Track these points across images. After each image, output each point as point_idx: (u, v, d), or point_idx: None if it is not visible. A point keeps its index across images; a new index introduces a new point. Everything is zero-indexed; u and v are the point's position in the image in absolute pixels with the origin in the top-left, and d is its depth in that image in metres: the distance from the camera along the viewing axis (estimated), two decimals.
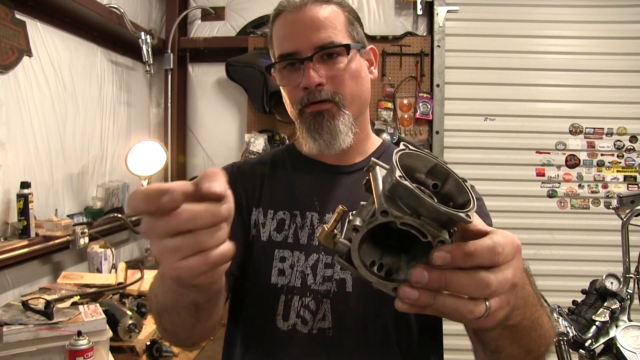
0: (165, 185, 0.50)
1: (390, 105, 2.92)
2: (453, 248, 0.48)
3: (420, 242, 0.49)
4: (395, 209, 0.47)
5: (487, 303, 0.51)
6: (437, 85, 2.93)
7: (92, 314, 1.51)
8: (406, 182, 0.47)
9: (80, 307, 1.57)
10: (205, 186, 0.50)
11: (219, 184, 0.51)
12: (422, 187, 0.52)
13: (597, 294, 1.73)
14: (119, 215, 2.40)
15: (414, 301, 0.50)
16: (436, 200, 0.48)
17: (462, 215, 0.47)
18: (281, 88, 1.02)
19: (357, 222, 0.50)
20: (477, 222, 0.53)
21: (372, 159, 0.60)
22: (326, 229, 0.57)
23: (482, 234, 0.52)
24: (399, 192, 0.48)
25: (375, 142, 1.09)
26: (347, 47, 0.96)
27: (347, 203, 0.92)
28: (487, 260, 0.49)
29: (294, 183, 1.03)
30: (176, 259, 0.52)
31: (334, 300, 0.93)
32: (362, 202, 0.55)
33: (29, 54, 1.93)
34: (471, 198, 0.51)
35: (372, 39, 2.94)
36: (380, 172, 0.54)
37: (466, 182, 0.53)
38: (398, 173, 0.47)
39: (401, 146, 0.54)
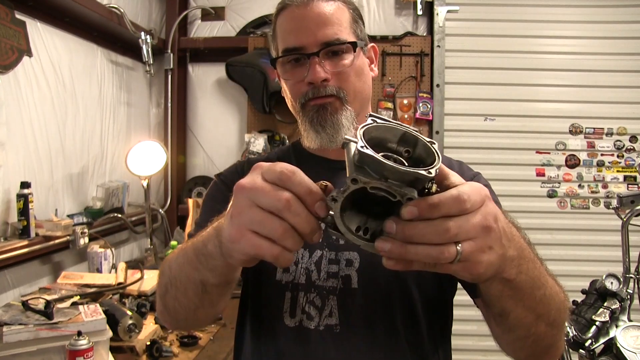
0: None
1: (390, 105, 2.92)
2: (419, 202, 0.52)
3: (398, 204, 0.53)
4: (364, 175, 0.52)
5: (457, 247, 0.53)
6: (437, 85, 2.93)
7: (92, 314, 1.51)
8: (368, 151, 0.52)
9: (80, 307, 1.57)
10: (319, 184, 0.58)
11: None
12: (389, 154, 0.56)
13: (597, 294, 1.73)
14: (119, 215, 2.40)
15: (388, 252, 0.54)
16: (407, 165, 0.53)
17: (422, 172, 0.51)
18: (283, 82, 1.02)
19: (334, 193, 0.55)
20: (454, 180, 0.57)
21: (345, 136, 0.62)
22: None
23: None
24: (366, 160, 0.53)
25: None
26: (354, 45, 0.97)
27: None
28: (454, 209, 0.53)
29: None
30: (250, 229, 0.57)
31: (340, 297, 0.94)
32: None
33: (29, 54, 1.93)
34: (436, 157, 0.54)
35: (372, 38, 2.93)
36: (353, 147, 0.58)
37: (434, 144, 0.57)
38: (360, 144, 0.52)
39: (369, 120, 0.58)
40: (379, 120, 0.58)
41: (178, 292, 0.81)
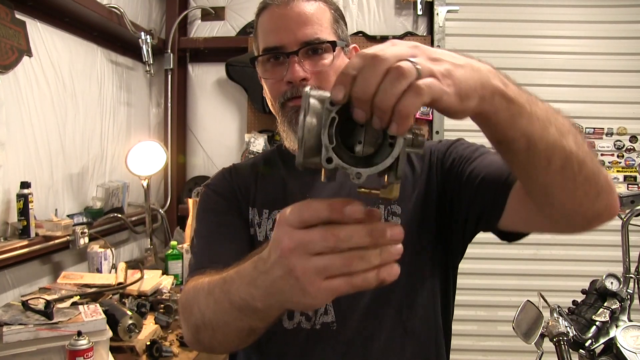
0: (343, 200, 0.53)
1: None
2: (355, 98, 0.51)
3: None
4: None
5: (410, 59, 0.51)
6: None
7: (92, 314, 1.51)
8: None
9: (80, 307, 1.57)
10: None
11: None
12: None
13: (597, 294, 1.73)
14: (119, 215, 2.40)
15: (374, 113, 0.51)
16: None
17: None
18: (263, 81, 1.02)
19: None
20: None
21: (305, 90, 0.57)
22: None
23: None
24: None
25: None
26: (333, 44, 0.96)
27: (337, 195, 0.90)
28: (372, 61, 0.51)
29: (285, 182, 1.04)
30: (319, 278, 0.52)
31: None
32: None
33: (29, 54, 1.93)
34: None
35: (372, 39, 2.94)
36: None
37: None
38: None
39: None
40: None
41: (216, 334, 0.77)
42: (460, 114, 0.57)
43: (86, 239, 2.06)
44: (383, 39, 2.92)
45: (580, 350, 1.64)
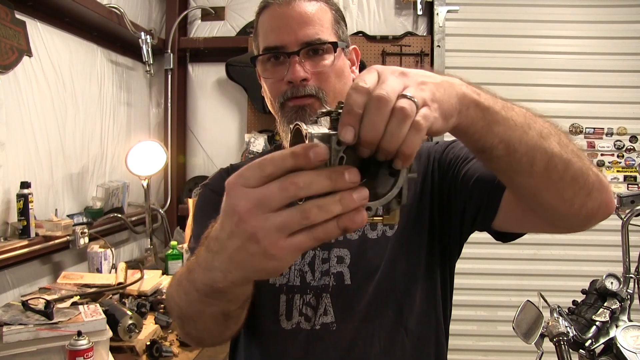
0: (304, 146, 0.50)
1: None
2: (342, 122, 0.51)
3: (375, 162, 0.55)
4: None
5: (405, 93, 0.52)
6: None
7: (92, 314, 1.51)
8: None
9: (80, 307, 1.57)
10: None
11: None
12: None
13: (597, 294, 1.73)
14: (119, 215, 2.40)
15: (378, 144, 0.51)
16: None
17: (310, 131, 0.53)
18: (263, 81, 1.02)
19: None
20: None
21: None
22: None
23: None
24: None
25: None
26: (335, 45, 0.96)
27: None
28: (361, 94, 0.52)
29: None
30: (282, 236, 0.50)
31: (334, 294, 0.94)
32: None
33: (29, 54, 1.93)
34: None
35: (372, 39, 2.94)
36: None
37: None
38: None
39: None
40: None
41: (197, 325, 0.78)
42: (443, 132, 0.59)
43: (86, 239, 2.06)
44: (383, 39, 2.93)
45: (580, 350, 1.64)
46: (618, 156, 2.94)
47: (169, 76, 3.00)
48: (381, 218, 0.57)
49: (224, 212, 0.54)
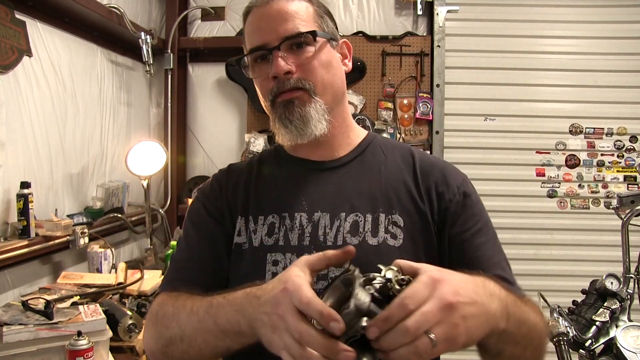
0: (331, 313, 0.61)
1: (390, 105, 2.92)
2: (375, 321, 0.61)
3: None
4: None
5: (430, 336, 0.60)
6: (437, 85, 2.93)
7: (92, 314, 1.51)
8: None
9: (80, 307, 1.57)
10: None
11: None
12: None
13: (597, 294, 1.73)
14: (119, 215, 2.40)
15: None
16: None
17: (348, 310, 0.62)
18: (254, 81, 1.02)
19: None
20: (420, 271, 0.65)
21: (351, 267, 0.68)
22: None
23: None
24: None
25: (359, 133, 1.08)
26: (313, 34, 0.96)
27: (335, 199, 0.92)
28: (402, 313, 0.60)
29: (281, 184, 1.03)
30: (283, 348, 0.65)
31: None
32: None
33: (29, 54, 1.93)
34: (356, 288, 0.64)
35: (372, 39, 2.94)
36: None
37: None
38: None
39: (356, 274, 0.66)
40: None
41: (190, 350, 0.83)
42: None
43: (86, 239, 2.06)
44: (383, 39, 2.93)
45: (580, 350, 1.64)
46: (618, 156, 2.94)
47: (169, 76, 2.99)
48: None
49: (273, 297, 0.68)
